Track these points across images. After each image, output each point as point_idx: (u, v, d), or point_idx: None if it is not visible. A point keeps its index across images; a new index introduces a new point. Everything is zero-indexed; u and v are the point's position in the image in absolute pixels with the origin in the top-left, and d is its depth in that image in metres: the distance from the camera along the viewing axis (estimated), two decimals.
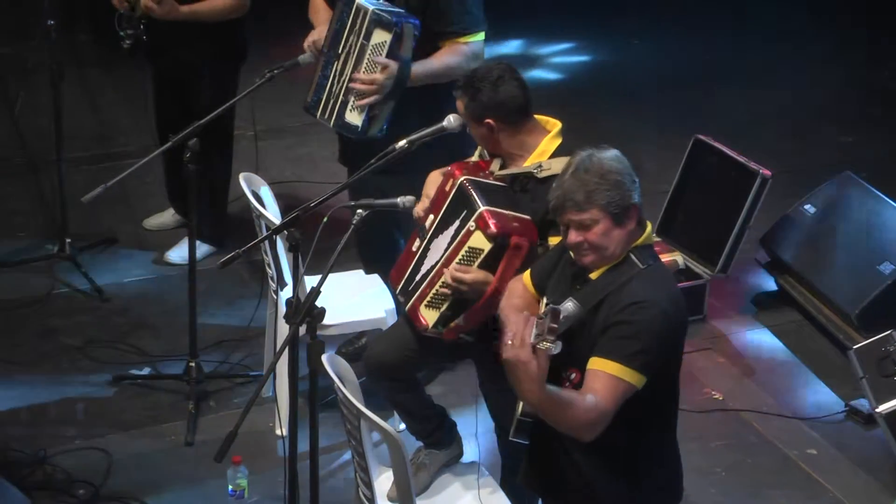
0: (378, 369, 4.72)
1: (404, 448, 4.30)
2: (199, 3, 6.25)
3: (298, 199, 6.59)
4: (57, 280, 6.57)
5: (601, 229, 3.73)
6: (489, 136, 4.54)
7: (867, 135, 8.57)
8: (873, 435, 5.64)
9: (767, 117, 8.67)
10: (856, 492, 5.50)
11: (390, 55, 5.29)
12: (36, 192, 7.17)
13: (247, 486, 5.19)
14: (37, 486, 5.27)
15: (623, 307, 3.68)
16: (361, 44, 5.32)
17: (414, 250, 4.61)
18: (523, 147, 4.54)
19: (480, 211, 4.32)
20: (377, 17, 5.26)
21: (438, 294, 4.47)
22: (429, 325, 4.51)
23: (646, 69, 9.50)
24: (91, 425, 5.68)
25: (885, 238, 6.36)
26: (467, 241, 4.36)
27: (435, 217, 4.55)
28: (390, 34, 5.26)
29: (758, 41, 9.90)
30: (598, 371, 3.63)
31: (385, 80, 5.31)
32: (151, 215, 7.12)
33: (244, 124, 6.60)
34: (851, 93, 9.25)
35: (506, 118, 4.51)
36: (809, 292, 6.54)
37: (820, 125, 8.75)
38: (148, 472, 5.44)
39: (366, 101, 5.35)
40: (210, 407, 5.80)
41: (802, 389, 6.14)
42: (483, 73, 4.54)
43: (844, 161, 7.47)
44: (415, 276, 4.58)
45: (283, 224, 4.57)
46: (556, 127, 4.59)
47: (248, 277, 6.41)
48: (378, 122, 5.39)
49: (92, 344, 6.17)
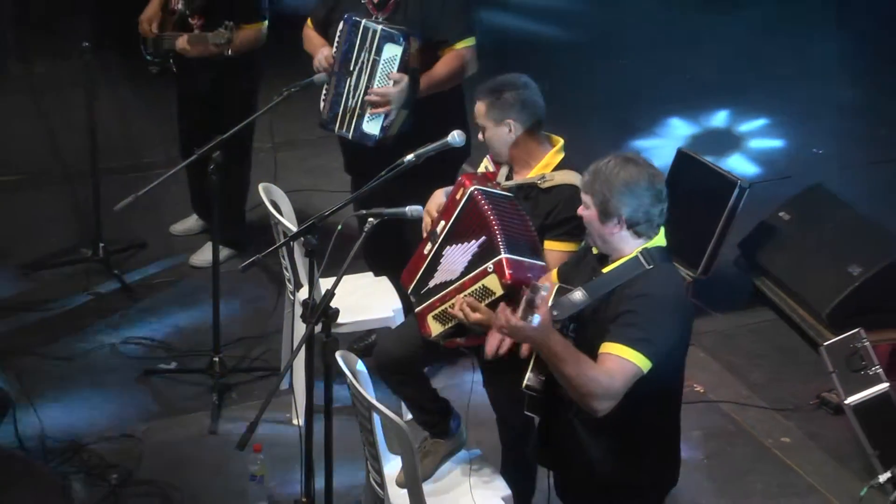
0: (387, 365, 4.73)
1: (411, 437, 4.33)
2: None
3: (312, 207, 6.58)
4: (91, 281, 6.57)
5: (590, 215, 3.90)
6: (505, 136, 4.53)
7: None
8: (842, 425, 5.64)
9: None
10: (827, 477, 5.50)
11: (401, 68, 5.32)
12: (72, 201, 7.18)
13: (266, 472, 5.18)
14: (74, 472, 5.29)
15: (632, 298, 3.77)
16: (373, 60, 5.35)
17: (425, 253, 4.58)
18: (531, 156, 4.56)
19: (500, 258, 4.23)
20: (387, 33, 5.29)
21: (447, 314, 4.44)
22: (432, 334, 4.51)
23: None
24: (123, 415, 5.69)
25: (853, 243, 6.37)
26: (482, 279, 4.30)
27: (446, 223, 4.51)
28: (400, 48, 5.30)
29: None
30: (608, 353, 3.72)
31: (398, 92, 5.34)
32: (178, 221, 7.12)
33: (263, 137, 6.59)
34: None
35: (525, 121, 4.52)
36: (783, 293, 6.54)
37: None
38: (175, 459, 5.45)
39: (381, 111, 5.38)
40: (232, 399, 5.81)
41: (777, 382, 6.14)
42: (509, 79, 4.56)
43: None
44: (426, 280, 4.55)
45: (300, 231, 4.58)
46: (560, 143, 4.61)
47: (267, 280, 6.42)
48: (392, 129, 5.42)
49: (123, 341, 6.18)
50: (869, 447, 5.40)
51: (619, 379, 3.69)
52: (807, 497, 5.42)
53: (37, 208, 7.25)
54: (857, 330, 5.62)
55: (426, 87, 5.40)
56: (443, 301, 4.47)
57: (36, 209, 7.24)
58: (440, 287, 4.50)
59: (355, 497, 5.03)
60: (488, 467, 4.70)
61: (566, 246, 4.44)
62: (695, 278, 6.38)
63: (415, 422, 4.89)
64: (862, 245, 6.34)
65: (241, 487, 5.20)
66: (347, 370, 4.42)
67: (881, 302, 6.14)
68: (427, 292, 4.55)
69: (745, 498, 5.41)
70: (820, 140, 8.62)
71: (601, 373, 3.68)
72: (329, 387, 4.44)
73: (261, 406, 4.21)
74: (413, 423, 4.91)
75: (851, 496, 5.25)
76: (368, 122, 5.43)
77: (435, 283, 4.53)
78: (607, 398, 3.68)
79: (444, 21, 5.41)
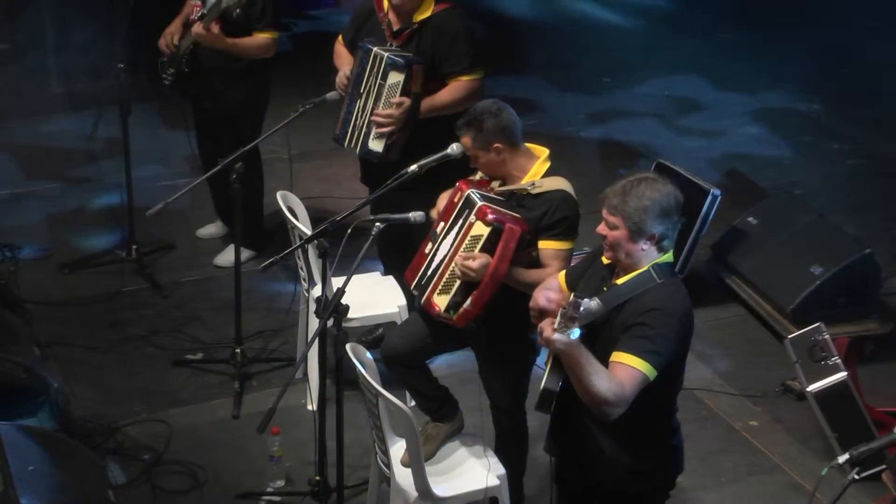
0: (393, 357, 4.71)
1: (415, 422, 4.33)
2: (241, 39, 6.21)
3: (325, 212, 6.59)
4: (125, 280, 6.56)
5: (619, 235, 3.76)
6: (496, 159, 4.51)
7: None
8: (805, 410, 5.64)
9: None
10: (790, 457, 5.51)
11: (404, 93, 5.31)
12: (107, 206, 7.17)
13: (283, 453, 5.19)
14: (109, 452, 5.31)
15: (644, 311, 3.69)
16: (380, 84, 5.35)
17: (426, 252, 4.59)
18: (521, 168, 4.54)
19: (479, 205, 4.33)
20: (392, 61, 5.28)
21: (448, 281, 4.43)
22: (441, 309, 4.45)
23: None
24: (154, 401, 5.69)
25: (814, 245, 6.38)
26: (470, 231, 4.36)
27: (445, 224, 4.53)
28: (403, 75, 5.28)
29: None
30: (620, 363, 3.65)
31: (400, 114, 5.33)
32: (203, 226, 7.11)
33: (280, 149, 6.59)
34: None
35: (509, 140, 4.50)
36: (752, 290, 6.53)
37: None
38: (201, 441, 5.45)
39: (384, 131, 5.37)
40: (252, 386, 5.80)
41: (746, 371, 6.13)
42: (483, 108, 4.53)
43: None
44: (427, 272, 4.56)
45: (314, 234, 4.59)
46: (545, 153, 4.59)
47: (284, 278, 6.41)
48: (396, 147, 5.41)
49: (154, 333, 6.18)
50: (829, 430, 5.41)
51: (630, 387, 3.63)
52: (773, 475, 5.42)
53: (76, 213, 7.24)
54: (818, 324, 5.62)
55: (427, 110, 5.38)
56: (442, 275, 4.46)
57: (75, 214, 7.23)
58: (437, 269, 4.50)
59: (364, 476, 5.01)
60: (485, 449, 4.69)
61: (561, 244, 4.43)
62: None
63: (417, 408, 4.89)
64: (823, 247, 6.34)
65: (261, 467, 5.22)
66: (357, 361, 4.42)
67: (840, 299, 6.14)
68: (427, 280, 4.54)
69: (717, 476, 5.40)
70: (783, 150, 8.62)
71: (615, 383, 3.61)
72: (340, 376, 4.44)
73: (278, 393, 4.21)
74: (416, 408, 4.91)
75: (813, 475, 5.25)
76: (373, 140, 5.43)
77: (433, 269, 4.52)
78: (620, 405, 3.63)
79: (452, 54, 5.40)
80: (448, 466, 4.65)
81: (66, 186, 7.53)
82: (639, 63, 9.99)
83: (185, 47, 6.28)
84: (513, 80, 9.01)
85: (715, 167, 8.08)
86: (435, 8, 5.43)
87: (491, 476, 4.53)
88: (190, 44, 6.24)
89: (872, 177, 8.14)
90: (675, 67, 9.94)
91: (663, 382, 3.72)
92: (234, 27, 6.16)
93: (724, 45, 10.49)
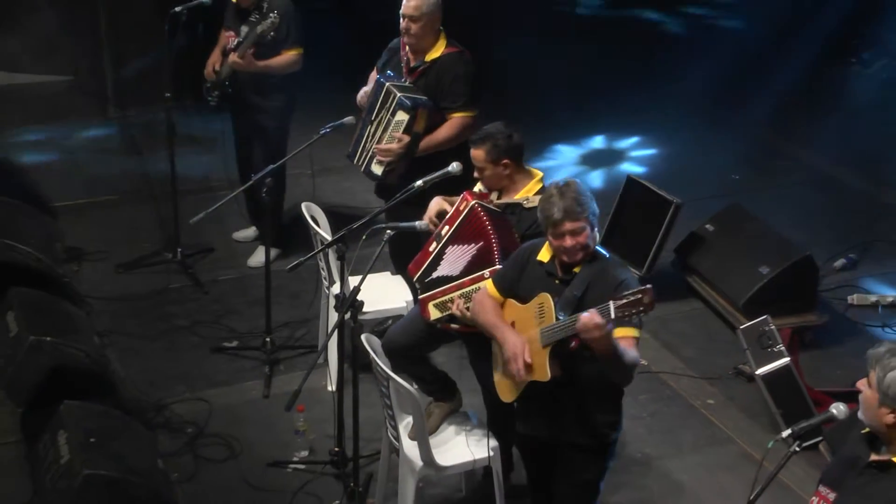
0: (394, 350, 4.62)
1: (420, 401, 4.34)
2: (270, 59, 6.22)
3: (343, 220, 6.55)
4: (171, 278, 6.57)
5: (587, 233, 3.76)
6: (502, 173, 4.50)
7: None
8: (754, 390, 5.65)
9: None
10: (742, 431, 5.51)
11: (406, 131, 5.32)
12: (157, 216, 7.17)
13: (307, 428, 5.20)
14: (158, 426, 5.32)
15: (615, 287, 3.68)
16: (388, 119, 5.36)
17: (431, 250, 4.56)
18: (518, 184, 4.53)
19: (496, 267, 4.21)
20: (401, 102, 5.28)
21: (445, 305, 4.43)
22: (431, 319, 4.49)
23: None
24: (195, 383, 5.69)
25: (762, 248, 6.37)
26: (479, 282, 4.28)
27: (450, 228, 4.49)
28: (408, 116, 5.29)
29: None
30: (623, 336, 3.64)
31: (399, 149, 5.35)
32: (238, 231, 7.10)
33: (303, 165, 6.58)
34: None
35: (516, 158, 4.50)
36: (709, 287, 6.53)
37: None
38: (236, 417, 5.45)
39: (384, 160, 5.40)
40: (280, 370, 5.79)
41: (704, 356, 6.13)
42: (497, 129, 4.50)
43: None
44: (430, 272, 4.53)
45: (333, 240, 4.60)
46: (539, 175, 4.58)
47: (308, 277, 6.38)
48: (394, 174, 5.42)
49: (196, 324, 6.18)
50: (774, 408, 5.42)
51: (637, 352, 3.68)
52: (727, 446, 5.43)
53: (130, 221, 7.24)
54: (765, 317, 5.64)
55: (426, 147, 5.39)
56: (443, 294, 4.45)
57: (129, 222, 7.23)
58: (442, 281, 4.48)
59: (377, 447, 5.01)
60: (480, 424, 4.70)
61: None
62: (640, 276, 6.37)
63: (420, 390, 4.89)
64: (769, 250, 6.33)
65: (288, 439, 5.22)
66: (370, 349, 4.42)
67: (783, 294, 6.14)
68: (431, 283, 4.52)
69: (679, 447, 5.41)
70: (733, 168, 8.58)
71: (633, 355, 3.65)
72: (356, 361, 4.45)
73: (303, 376, 4.23)
74: (420, 390, 4.91)
75: (761, 445, 5.23)
76: (375, 165, 5.46)
77: (438, 275, 4.51)
78: (636, 369, 3.69)
79: (451, 92, 5.40)
80: (449, 439, 4.66)
81: (121, 198, 7.53)
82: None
83: (225, 73, 6.30)
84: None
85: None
86: (445, 50, 5.45)
87: (485, 448, 4.54)
88: (230, 70, 6.26)
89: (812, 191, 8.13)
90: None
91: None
92: (264, 48, 6.18)
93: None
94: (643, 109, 9.19)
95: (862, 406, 3.14)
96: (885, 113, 8.91)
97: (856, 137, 8.57)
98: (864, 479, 3.15)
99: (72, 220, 7.02)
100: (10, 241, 5.66)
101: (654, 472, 5.20)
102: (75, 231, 6.87)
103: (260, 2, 6.19)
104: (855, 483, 3.16)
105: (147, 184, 7.52)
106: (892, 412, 3.06)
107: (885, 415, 3.08)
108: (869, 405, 3.11)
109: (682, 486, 5.15)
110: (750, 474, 3.53)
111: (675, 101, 9.17)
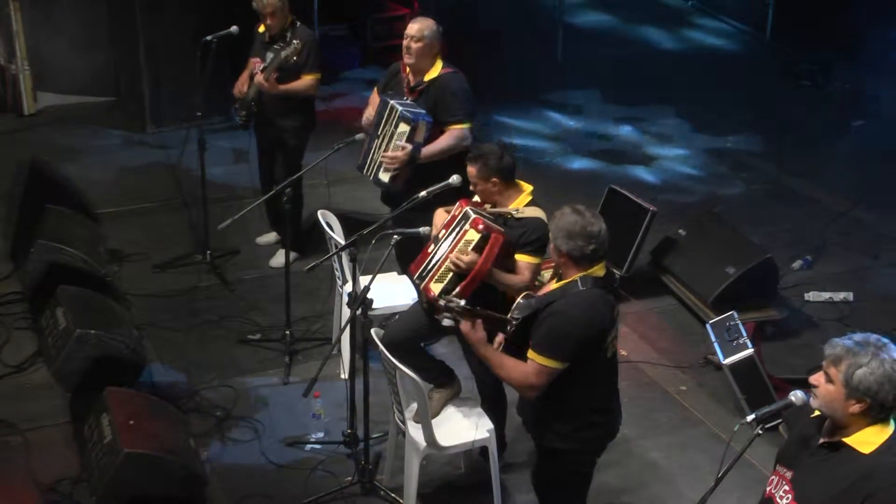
0: (394, 343, 4.59)
1: (423, 388, 4.34)
2: (291, 83, 6.23)
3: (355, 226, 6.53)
4: (201, 277, 6.56)
5: (552, 249, 3.81)
6: (492, 189, 4.49)
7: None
8: (722, 378, 5.64)
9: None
10: (711, 414, 5.51)
11: (408, 141, 5.31)
12: (188, 221, 7.16)
13: (323, 412, 5.21)
14: (190, 409, 5.32)
15: (547, 312, 3.68)
16: (392, 131, 5.36)
17: (429, 252, 4.57)
18: (508, 198, 4.52)
19: (473, 217, 4.33)
20: (403, 115, 5.29)
21: (443, 273, 4.40)
22: (436, 294, 4.41)
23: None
24: (223, 371, 5.68)
25: (729, 251, 6.35)
26: (464, 236, 4.33)
27: (446, 231, 4.52)
28: (409, 127, 5.29)
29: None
30: (527, 355, 3.67)
31: (403, 157, 5.34)
32: (261, 235, 7.09)
33: (319, 176, 6.57)
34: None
35: (505, 178, 4.48)
36: (681, 285, 6.52)
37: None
38: (260, 402, 5.45)
39: (390, 167, 5.39)
40: (299, 360, 5.78)
41: (677, 347, 6.12)
42: (490, 148, 4.48)
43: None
44: (428, 266, 4.53)
45: (346, 244, 4.61)
46: (529, 188, 4.57)
47: (323, 277, 6.37)
48: (399, 179, 5.41)
49: (223, 319, 6.16)
50: (739, 393, 5.42)
51: (532, 375, 3.68)
52: (697, 428, 5.43)
53: (164, 226, 7.22)
54: (732, 312, 5.65)
55: (426, 156, 5.38)
56: (439, 268, 4.43)
57: (164, 227, 7.21)
58: (435, 263, 4.47)
59: (385, 429, 5.00)
60: (478, 409, 4.70)
61: (533, 259, 4.43)
62: (621, 276, 6.38)
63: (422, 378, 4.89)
64: (735, 252, 6.32)
65: (306, 422, 5.23)
66: (379, 341, 4.42)
67: (748, 292, 6.14)
68: (427, 272, 4.50)
69: (655, 428, 5.41)
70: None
71: (519, 374, 3.69)
72: (366, 352, 4.45)
73: (319, 366, 4.23)
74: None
75: (728, 428, 5.21)
76: (382, 173, 5.45)
77: (432, 263, 4.49)
78: (532, 389, 3.72)
79: (449, 108, 5.40)
80: (449, 422, 4.66)
81: (157, 205, 7.53)
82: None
83: (251, 95, 6.30)
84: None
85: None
86: (441, 71, 5.45)
87: (482, 430, 4.54)
88: (256, 92, 6.26)
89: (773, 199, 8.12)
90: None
91: (571, 370, 3.70)
92: (286, 73, 6.19)
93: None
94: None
95: (821, 398, 3.09)
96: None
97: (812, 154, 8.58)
98: (817, 458, 3.14)
99: (114, 225, 7.01)
100: (59, 245, 5.67)
101: (633, 451, 5.20)
102: (117, 235, 6.86)
103: (284, 32, 6.21)
104: (808, 461, 3.16)
105: (180, 193, 7.51)
106: (857, 402, 3.04)
107: (852, 405, 3.04)
108: (832, 398, 3.05)
109: (657, 464, 5.15)
110: (718, 453, 3.52)
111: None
